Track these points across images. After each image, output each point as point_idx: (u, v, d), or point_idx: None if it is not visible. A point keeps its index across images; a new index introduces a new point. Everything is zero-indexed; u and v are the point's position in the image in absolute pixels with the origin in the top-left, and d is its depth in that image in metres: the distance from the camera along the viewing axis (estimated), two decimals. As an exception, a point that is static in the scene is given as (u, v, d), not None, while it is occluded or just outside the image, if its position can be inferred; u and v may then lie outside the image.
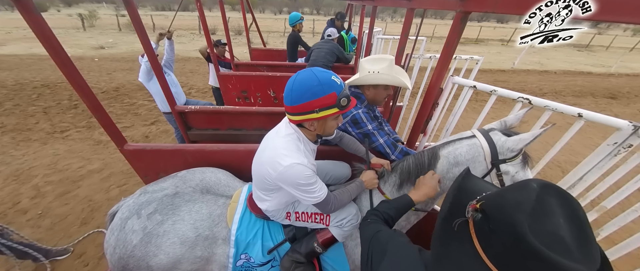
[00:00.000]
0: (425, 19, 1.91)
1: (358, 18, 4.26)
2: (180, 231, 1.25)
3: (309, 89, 0.95)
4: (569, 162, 3.85)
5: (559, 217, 0.53)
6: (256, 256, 1.30)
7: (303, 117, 1.01)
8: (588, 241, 0.50)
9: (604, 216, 1.08)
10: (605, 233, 1.09)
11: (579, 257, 0.48)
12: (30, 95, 5.26)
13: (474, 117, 2.01)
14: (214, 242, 1.29)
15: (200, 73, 7.46)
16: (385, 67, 1.46)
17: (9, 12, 20.30)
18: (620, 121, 0.97)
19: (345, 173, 1.60)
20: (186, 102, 3.04)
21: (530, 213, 0.54)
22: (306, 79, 0.96)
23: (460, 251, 0.63)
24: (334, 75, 0.98)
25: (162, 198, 1.33)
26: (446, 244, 0.66)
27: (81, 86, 1.34)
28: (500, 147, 1.05)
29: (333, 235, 1.29)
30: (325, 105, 0.97)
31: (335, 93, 0.96)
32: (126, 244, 1.21)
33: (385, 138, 1.51)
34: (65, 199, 2.79)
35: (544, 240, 0.50)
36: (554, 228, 0.52)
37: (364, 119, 1.49)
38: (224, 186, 1.54)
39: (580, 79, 9.34)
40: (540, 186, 0.58)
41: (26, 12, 1.07)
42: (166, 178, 1.49)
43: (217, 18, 5.06)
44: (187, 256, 1.24)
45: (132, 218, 1.25)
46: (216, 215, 1.33)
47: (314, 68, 0.99)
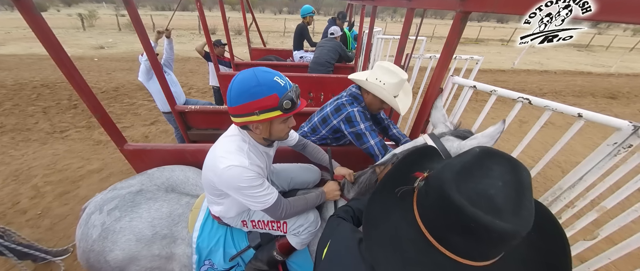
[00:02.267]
0: (425, 19, 1.91)
1: (358, 18, 4.26)
2: (137, 228, 1.25)
3: (247, 90, 0.89)
4: (569, 162, 3.85)
5: (496, 180, 0.52)
6: (219, 263, 1.29)
7: (243, 119, 0.95)
8: (521, 204, 0.49)
9: (604, 216, 1.08)
10: (605, 233, 1.09)
11: (508, 217, 0.47)
12: (30, 95, 5.26)
13: (474, 117, 2.01)
14: (172, 242, 1.28)
15: (200, 73, 7.45)
16: (393, 83, 1.41)
17: (9, 12, 20.27)
18: (620, 121, 0.97)
19: (312, 178, 1.54)
20: (186, 102, 3.04)
21: (461, 172, 0.54)
22: (245, 79, 0.90)
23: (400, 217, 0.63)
24: (277, 76, 0.92)
25: (125, 195, 1.34)
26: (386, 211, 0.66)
27: (81, 86, 1.34)
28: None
29: (290, 243, 1.27)
30: (265, 107, 0.91)
31: (276, 95, 0.90)
32: (87, 238, 1.24)
33: (376, 140, 1.48)
34: (65, 199, 2.78)
35: (468, 196, 0.49)
36: (484, 188, 0.51)
37: (358, 117, 1.47)
38: (192, 185, 1.54)
39: (580, 79, 9.33)
40: (483, 150, 0.57)
41: (26, 12, 1.07)
42: (136, 175, 1.51)
43: (217, 18, 5.05)
44: (144, 253, 1.24)
45: (95, 213, 1.29)
46: (177, 215, 1.33)
47: (257, 68, 0.93)
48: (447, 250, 0.54)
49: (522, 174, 0.53)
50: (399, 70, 1.45)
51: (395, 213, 0.65)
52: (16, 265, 1.91)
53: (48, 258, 2.03)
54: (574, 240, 1.17)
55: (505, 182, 0.52)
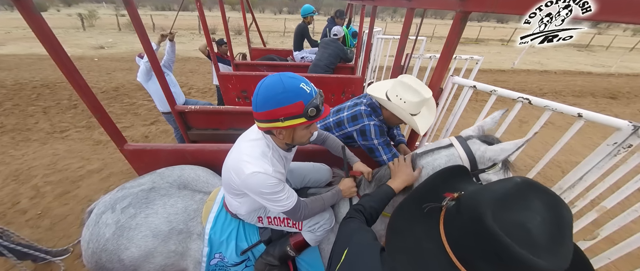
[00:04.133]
0: (425, 19, 1.91)
1: (358, 17, 4.26)
2: (153, 224, 1.24)
3: (274, 96, 0.89)
4: (569, 162, 3.85)
5: (535, 213, 0.50)
6: (229, 256, 1.29)
7: (268, 125, 0.95)
8: (562, 242, 0.47)
9: (604, 216, 1.08)
10: (605, 233, 1.09)
11: (544, 254, 0.45)
12: (30, 95, 5.26)
13: (474, 117, 2.01)
14: (188, 237, 1.29)
15: (200, 73, 7.45)
16: (414, 102, 1.32)
17: (9, 11, 20.27)
18: (620, 121, 0.97)
19: (325, 176, 1.55)
20: (185, 102, 3.04)
21: (500, 200, 0.52)
22: (272, 85, 0.90)
23: (423, 231, 0.62)
24: (304, 83, 0.91)
25: (138, 192, 1.33)
26: (410, 223, 0.66)
27: (81, 86, 1.34)
28: (480, 157, 1.02)
29: (305, 239, 1.28)
30: (291, 114, 0.91)
31: (302, 102, 0.90)
32: (99, 238, 1.21)
33: (389, 156, 1.45)
34: (65, 199, 2.78)
35: (504, 226, 0.48)
36: (523, 220, 0.49)
37: (373, 133, 1.42)
38: (203, 182, 1.53)
39: (580, 79, 9.33)
40: (526, 181, 0.55)
41: (26, 11, 1.06)
42: (145, 175, 1.49)
43: (217, 18, 5.05)
44: (160, 249, 1.23)
45: (107, 213, 1.26)
46: (192, 210, 1.32)
47: (284, 73, 0.93)
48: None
49: (563, 211, 0.51)
50: (423, 88, 1.34)
51: (420, 226, 0.64)
52: (16, 265, 1.91)
53: (48, 258, 2.03)
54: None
55: (545, 218, 0.49)
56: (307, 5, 4.52)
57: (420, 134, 1.46)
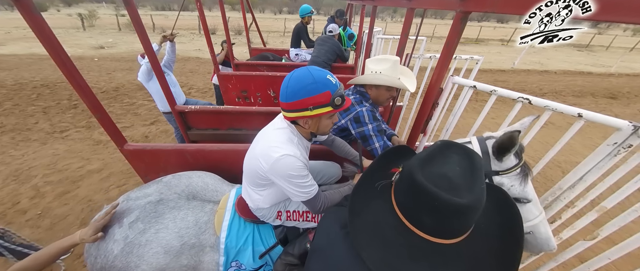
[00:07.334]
0: (425, 19, 1.91)
1: (358, 18, 4.26)
2: (164, 240, 1.20)
3: (304, 87, 0.97)
4: (569, 162, 3.85)
5: (454, 165, 0.62)
6: (247, 262, 1.28)
7: (297, 114, 1.02)
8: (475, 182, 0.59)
9: (604, 216, 1.08)
10: (605, 233, 1.09)
11: (464, 194, 0.56)
12: (30, 95, 5.25)
13: (474, 117, 2.01)
14: (201, 250, 1.25)
15: (200, 73, 7.45)
16: (388, 67, 1.46)
17: (9, 11, 20.26)
18: (620, 121, 0.97)
19: (336, 173, 1.62)
20: (186, 102, 3.04)
21: (425, 159, 0.64)
22: (302, 77, 0.98)
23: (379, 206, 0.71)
24: (329, 75, 1.00)
25: (145, 205, 1.28)
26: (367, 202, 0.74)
27: (81, 86, 1.34)
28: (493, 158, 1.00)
29: None
30: (319, 103, 0.99)
31: (329, 92, 0.98)
32: (107, 254, 1.16)
33: (381, 143, 1.49)
34: (65, 199, 2.78)
35: (430, 177, 0.58)
36: (444, 171, 0.60)
37: (366, 117, 1.48)
38: (212, 191, 1.49)
39: (580, 79, 9.33)
40: (444, 143, 0.69)
41: (26, 11, 1.07)
42: (150, 183, 1.45)
43: (217, 18, 5.05)
44: (172, 265, 1.19)
45: (114, 227, 1.21)
46: (203, 222, 1.29)
47: (311, 67, 1.01)
48: (420, 231, 0.61)
49: (475, 159, 0.63)
50: (388, 56, 1.53)
51: (376, 203, 0.72)
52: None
53: None
54: (574, 240, 1.17)
55: (462, 167, 0.62)
56: (305, 6, 4.53)
57: (411, 91, 1.60)
